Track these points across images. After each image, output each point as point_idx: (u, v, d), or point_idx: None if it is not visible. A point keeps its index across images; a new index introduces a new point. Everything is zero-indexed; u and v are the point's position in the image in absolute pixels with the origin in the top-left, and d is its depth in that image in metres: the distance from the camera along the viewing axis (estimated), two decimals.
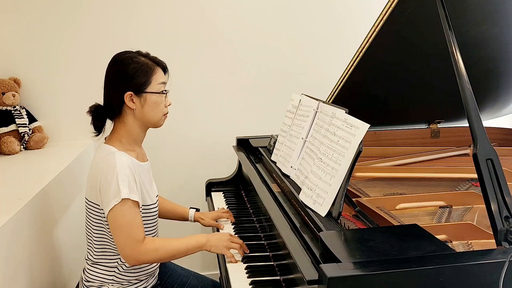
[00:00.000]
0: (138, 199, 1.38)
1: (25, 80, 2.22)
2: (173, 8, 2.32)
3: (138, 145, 1.52)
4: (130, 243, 1.36)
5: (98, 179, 1.37)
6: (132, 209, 1.36)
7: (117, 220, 1.35)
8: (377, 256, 0.99)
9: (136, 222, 1.37)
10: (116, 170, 1.34)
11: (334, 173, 1.26)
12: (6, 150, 2.10)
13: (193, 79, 2.42)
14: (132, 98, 1.40)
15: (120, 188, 1.33)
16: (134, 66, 1.40)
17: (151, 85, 1.42)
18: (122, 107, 1.42)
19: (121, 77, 1.40)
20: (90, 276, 1.48)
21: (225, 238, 1.48)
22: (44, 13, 2.20)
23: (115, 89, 1.41)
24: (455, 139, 2.16)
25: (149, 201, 1.49)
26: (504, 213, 1.08)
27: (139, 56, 1.44)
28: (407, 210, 1.53)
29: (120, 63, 1.42)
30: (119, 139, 1.44)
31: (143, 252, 1.37)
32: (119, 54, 1.45)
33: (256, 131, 2.29)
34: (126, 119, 1.44)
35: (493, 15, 1.63)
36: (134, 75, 1.39)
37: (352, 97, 1.89)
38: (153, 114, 1.44)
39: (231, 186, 2.16)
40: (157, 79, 1.43)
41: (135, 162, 1.43)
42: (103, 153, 1.41)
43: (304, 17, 2.45)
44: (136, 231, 1.36)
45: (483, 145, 1.15)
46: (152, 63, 1.44)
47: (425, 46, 1.68)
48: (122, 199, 1.33)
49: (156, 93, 1.43)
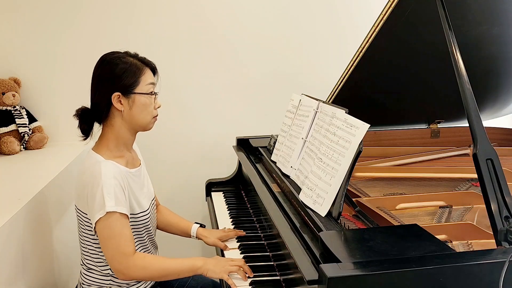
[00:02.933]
0: (125, 212, 1.33)
1: (25, 80, 2.22)
2: (173, 8, 2.32)
3: (128, 149, 1.47)
4: (118, 256, 1.31)
5: (84, 190, 1.34)
6: (119, 221, 1.31)
7: (103, 233, 1.31)
8: (377, 256, 0.99)
9: (123, 235, 1.32)
10: (101, 182, 1.30)
11: (334, 173, 1.26)
12: (6, 150, 2.10)
13: (193, 79, 2.42)
14: (120, 100, 1.36)
15: (105, 200, 1.29)
16: (122, 66, 1.36)
17: (139, 86, 1.38)
18: (110, 109, 1.38)
19: (108, 77, 1.37)
20: (87, 281, 1.46)
21: (223, 262, 1.39)
22: (44, 13, 2.20)
23: (102, 90, 1.38)
24: (455, 139, 2.16)
25: (137, 210, 1.44)
26: (504, 213, 1.08)
27: (127, 56, 1.40)
28: (407, 210, 1.53)
29: (107, 63, 1.39)
30: (107, 144, 1.40)
31: (131, 267, 1.32)
32: (106, 55, 1.42)
33: (256, 131, 2.29)
34: (114, 122, 1.40)
35: (493, 15, 1.63)
36: (122, 75, 1.36)
37: (352, 97, 1.89)
38: (142, 116, 1.40)
39: (231, 186, 2.16)
40: (145, 79, 1.39)
41: (123, 170, 1.39)
42: (90, 162, 1.37)
43: (304, 18, 2.45)
44: (123, 244, 1.31)
45: (483, 145, 1.15)
46: (141, 63, 1.40)
47: (425, 46, 1.68)
48: (106, 212, 1.29)
49: (144, 94, 1.39)
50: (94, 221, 1.32)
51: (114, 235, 1.31)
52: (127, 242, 1.32)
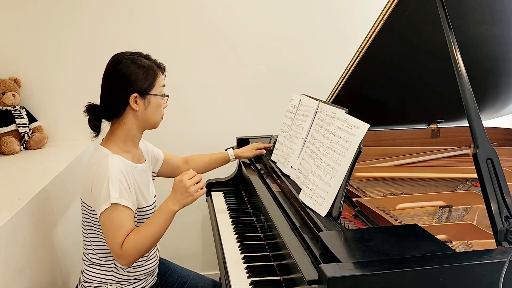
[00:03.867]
0: (129, 205, 1.36)
1: (25, 80, 2.22)
2: (173, 8, 2.32)
3: (135, 145, 1.51)
4: (114, 246, 1.34)
5: (90, 182, 1.37)
6: (122, 214, 1.34)
7: (106, 224, 1.35)
8: (377, 256, 0.99)
9: (123, 227, 1.34)
10: (108, 174, 1.33)
11: (334, 173, 1.26)
12: (6, 150, 2.10)
13: (194, 79, 2.42)
14: (136, 100, 1.41)
15: (110, 192, 1.32)
16: (140, 69, 1.40)
17: (155, 88, 1.43)
18: (125, 108, 1.42)
19: (126, 78, 1.39)
20: (88, 277, 1.48)
21: (183, 190, 1.39)
22: (44, 13, 2.20)
23: (119, 91, 1.40)
24: (455, 139, 2.16)
25: (143, 204, 1.47)
26: (504, 213, 1.08)
27: (142, 58, 1.44)
28: (407, 210, 1.54)
29: (124, 65, 1.40)
30: (115, 140, 1.44)
31: (124, 253, 1.34)
32: (120, 55, 1.43)
33: (256, 131, 2.29)
34: (126, 120, 1.44)
35: (493, 15, 1.63)
36: (141, 78, 1.40)
37: (352, 97, 1.89)
38: (154, 116, 1.46)
39: (231, 186, 2.16)
40: (160, 82, 1.45)
41: (129, 165, 1.42)
42: (97, 156, 1.41)
43: (304, 17, 2.45)
44: (120, 235, 1.33)
45: (483, 145, 1.15)
46: (156, 66, 1.45)
47: (425, 46, 1.68)
48: (111, 204, 1.32)
49: (159, 96, 1.45)
50: (99, 212, 1.35)
51: (117, 226, 1.34)
52: (124, 234, 1.34)
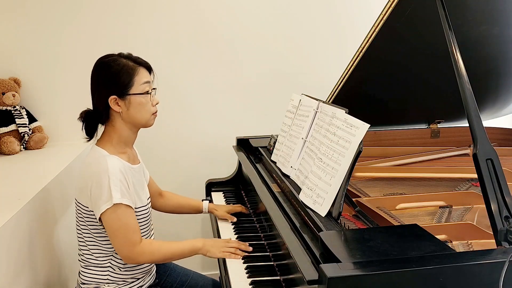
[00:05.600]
0: (130, 204, 1.39)
1: (25, 80, 2.22)
2: (173, 8, 2.32)
3: (129, 147, 1.51)
4: (127, 245, 1.39)
5: (88, 182, 1.37)
6: (126, 213, 1.37)
7: (112, 224, 1.37)
8: (377, 256, 0.99)
9: (131, 225, 1.39)
10: (108, 174, 1.34)
11: (334, 173, 1.26)
12: (6, 150, 2.10)
13: (193, 79, 2.42)
14: (117, 102, 1.39)
15: (112, 192, 1.33)
16: (114, 69, 1.38)
17: (134, 87, 1.39)
18: (109, 111, 1.41)
19: (103, 81, 1.40)
20: (85, 279, 1.48)
21: (221, 243, 1.51)
22: (44, 13, 2.20)
23: (99, 94, 1.41)
24: (455, 139, 2.16)
25: (138, 204, 1.48)
26: (504, 213, 1.08)
27: (120, 58, 1.41)
28: (407, 210, 1.53)
29: (101, 67, 1.41)
30: (110, 141, 1.44)
31: (140, 254, 1.41)
32: (100, 58, 1.43)
33: (256, 131, 2.29)
34: (114, 123, 1.43)
35: (493, 15, 1.63)
36: (115, 78, 1.38)
37: (352, 97, 1.89)
38: (140, 115, 1.43)
39: (231, 186, 2.16)
40: (140, 79, 1.40)
41: (126, 165, 1.43)
42: (94, 156, 1.41)
43: (304, 17, 2.45)
44: (131, 234, 1.39)
45: (483, 145, 1.15)
46: (133, 63, 1.41)
47: (425, 46, 1.68)
48: (114, 204, 1.34)
49: (140, 94, 1.41)
50: (99, 212, 1.35)
51: (123, 225, 1.37)
52: (135, 232, 1.40)
